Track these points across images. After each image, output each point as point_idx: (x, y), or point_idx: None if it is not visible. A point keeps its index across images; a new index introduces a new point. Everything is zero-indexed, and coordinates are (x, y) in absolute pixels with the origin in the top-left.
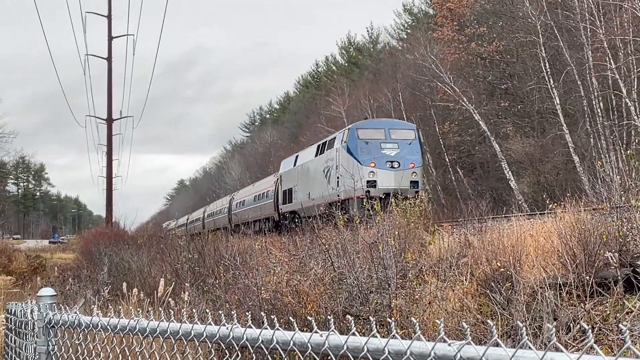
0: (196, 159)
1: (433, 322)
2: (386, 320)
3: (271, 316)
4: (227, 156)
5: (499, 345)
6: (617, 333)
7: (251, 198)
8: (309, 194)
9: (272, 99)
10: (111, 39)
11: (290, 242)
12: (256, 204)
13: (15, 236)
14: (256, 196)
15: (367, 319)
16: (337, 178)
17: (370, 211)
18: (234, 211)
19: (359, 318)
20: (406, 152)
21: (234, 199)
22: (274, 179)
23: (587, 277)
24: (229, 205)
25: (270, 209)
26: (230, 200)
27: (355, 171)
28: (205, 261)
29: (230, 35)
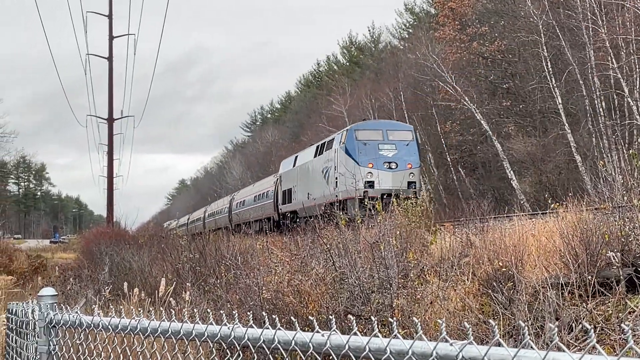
0: (197, 159)
1: (435, 322)
2: (388, 320)
3: (272, 316)
4: (228, 156)
5: (501, 345)
6: (619, 333)
7: (251, 198)
8: (308, 194)
9: (272, 98)
10: (112, 38)
11: (292, 242)
12: (256, 204)
13: (16, 236)
14: (256, 196)
15: (369, 318)
16: (336, 179)
17: (372, 211)
18: (235, 211)
19: (361, 318)
20: (404, 153)
21: (234, 199)
22: (273, 179)
23: (589, 277)
24: (230, 205)
25: (270, 209)
26: (231, 200)
27: (354, 172)
28: (207, 261)
29: (230, 36)
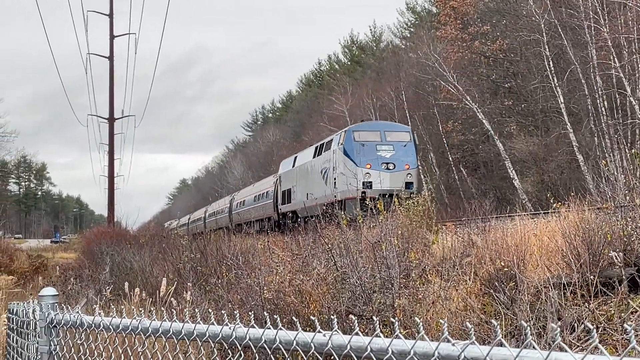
0: (198, 158)
1: (437, 321)
2: (389, 320)
3: (274, 316)
4: (229, 155)
5: (503, 345)
6: (621, 333)
7: (251, 198)
8: (308, 194)
9: (272, 98)
10: (113, 37)
11: (293, 242)
12: (256, 204)
13: (16, 236)
14: (256, 196)
15: (370, 318)
16: (335, 179)
17: (373, 210)
18: (235, 211)
19: (362, 318)
20: (401, 153)
21: (234, 199)
22: (273, 180)
23: (592, 277)
24: (230, 205)
25: (270, 209)
26: (231, 200)
27: (352, 172)
28: (208, 261)
29: (230, 36)
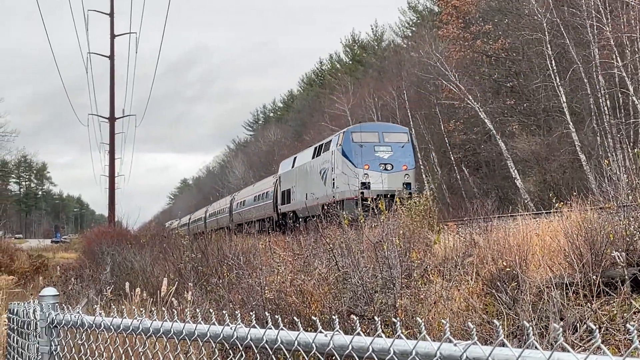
0: (198, 158)
1: (438, 322)
2: (391, 320)
3: (275, 316)
4: (230, 155)
5: (505, 346)
6: (624, 333)
7: (251, 198)
8: (307, 194)
9: (273, 98)
10: (113, 37)
11: (294, 242)
12: (256, 204)
13: (17, 235)
14: (256, 196)
15: (372, 318)
16: (333, 180)
17: (375, 210)
18: (235, 211)
19: (364, 318)
20: (399, 154)
21: (235, 199)
22: (273, 180)
23: (594, 277)
24: (230, 205)
25: (270, 209)
26: (232, 200)
27: (350, 173)
28: (209, 261)
29: (230, 36)
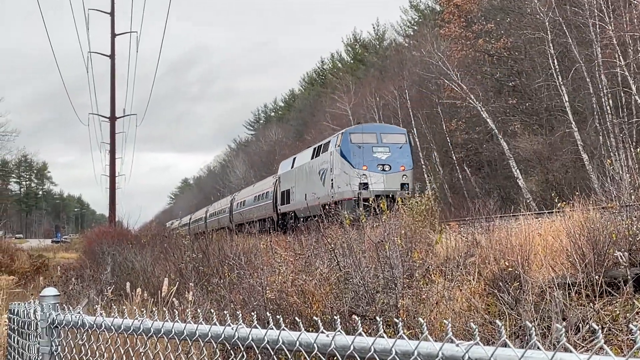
0: (199, 158)
1: (440, 322)
2: (393, 320)
3: (277, 316)
4: (231, 155)
5: (508, 346)
6: (627, 333)
7: (251, 198)
8: (306, 195)
9: (273, 98)
10: (114, 36)
11: (295, 242)
12: (256, 204)
13: (17, 235)
14: (256, 197)
15: (374, 319)
16: (332, 180)
17: (376, 210)
18: (235, 211)
19: (366, 318)
20: (397, 155)
21: (235, 199)
22: (273, 180)
23: (597, 277)
24: (231, 205)
25: (270, 209)
26: (232, 200)
27: (348, 174)
28: (210, 261)
29: (230, 36)
